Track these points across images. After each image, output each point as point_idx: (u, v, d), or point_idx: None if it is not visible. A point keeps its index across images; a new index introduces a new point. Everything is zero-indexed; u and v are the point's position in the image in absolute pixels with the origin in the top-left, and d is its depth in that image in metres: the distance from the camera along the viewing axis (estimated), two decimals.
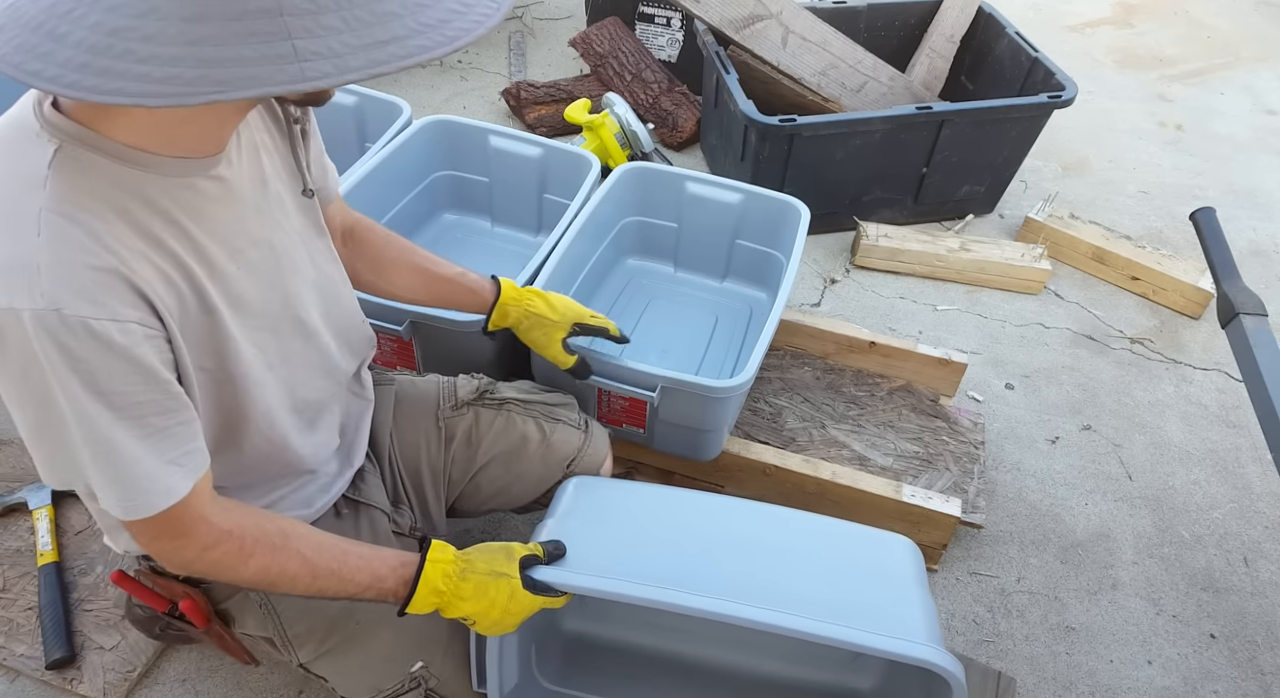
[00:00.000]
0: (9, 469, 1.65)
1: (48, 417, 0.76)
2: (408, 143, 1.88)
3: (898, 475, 1.69)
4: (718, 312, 1.96)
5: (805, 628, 0.98)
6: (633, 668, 1.33)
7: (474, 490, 1.31)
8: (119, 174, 0.75)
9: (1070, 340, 2.22)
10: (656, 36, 2.88)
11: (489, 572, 0.99)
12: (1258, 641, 1.62)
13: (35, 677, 1.39)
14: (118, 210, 0.75)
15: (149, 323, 0.77)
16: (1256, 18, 3.89)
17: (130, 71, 0.60)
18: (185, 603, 1.07)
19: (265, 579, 0.92)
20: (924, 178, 2.36)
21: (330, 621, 1.09)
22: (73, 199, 0.73)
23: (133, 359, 0.75)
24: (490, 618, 0.99)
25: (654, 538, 1.16)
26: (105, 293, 0.73)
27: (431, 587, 0.97)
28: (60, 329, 0.71)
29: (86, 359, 0.73)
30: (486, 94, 2.94)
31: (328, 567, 0.94)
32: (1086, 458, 1.93)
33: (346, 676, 1.12)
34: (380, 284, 1.26)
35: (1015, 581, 1.69)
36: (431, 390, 1.32)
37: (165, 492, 0.81)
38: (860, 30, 2.62)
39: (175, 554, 0.88)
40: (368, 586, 0.97)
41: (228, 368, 0.88)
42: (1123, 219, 2.61)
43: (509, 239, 2.10)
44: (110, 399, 0.75)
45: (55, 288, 0.71)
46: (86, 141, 0.74)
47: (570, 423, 1.34)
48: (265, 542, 0.91)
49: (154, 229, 0.78)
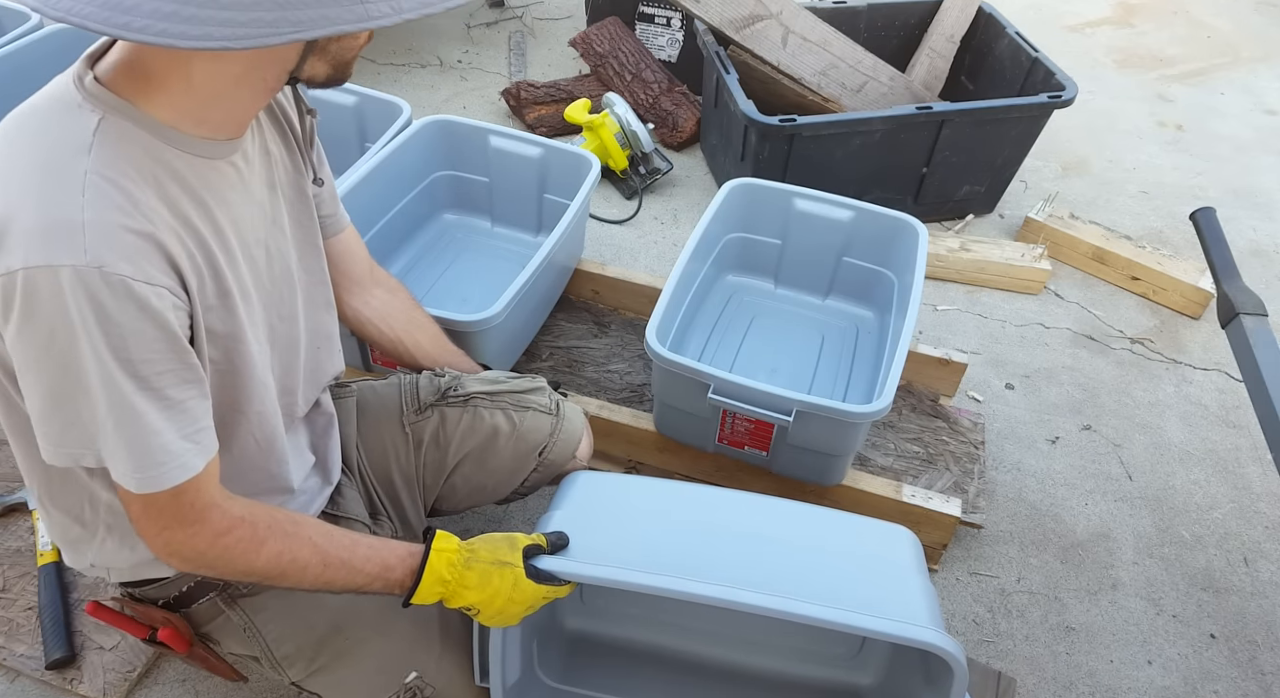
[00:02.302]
0: (9, 469, 1.65)
1: (68, 383, 0.76)
2: (408, 143, 1.88)
3: (898, 475, 1.69)
4: (823, 330, 1.93)
5: (808, 612, 0.98)
6: (634, 666, 1.32)
7: (450, 492, 1.30)
8: (154, 148, 0.78)
9: (1070, 340, 2.22)
10: (656, 36, 2.88)
11: (493, 561, 0.99)
12: (1258, 641, 1.62)
13: (35, 677, 1.39)
14: (152, 182, 0.77)
15: (177, 292, 0.78)
16: (1256, 18, 3.89)
17: (215, 17, 0.65)
18: (164, 631, 1.06)
19: (277, 568, 0.91)
20: (924, 178, 2.36)
21: (319, 639, 1.08)
22: (116, 165, 0.75)
23: (163, 325, 0.76)
24: (494, 607, 0.99)
25: (656, 529, 1.16)
26: (142, 256, 0.74)
27: (436, 576, 0.97)
28: (101, 287, 0.72)
29: (119, 321, 0.74)
30: (486, 94, 2.94)
31: (338, 556, 0.94)
32: (1086, 458, 1.93)
33: (340, 691, 1.10)
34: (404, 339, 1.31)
35: (1015, 581, 1.69)
36: (393, 395, 1.29)
37: (181, 467, 0.81)
38: (860, 30, 2.62)
39: (188, 544, 0.86)
40: (376, 575, 0.96)
41: (234, 361, 0.88)
42: (1123, 219, 2.61)
43: (509, 239, 2.10)
44: (135, 367, 0.76)
45: (99, 246, 0.72)
46: (127, 114, 0.77)
47: (540, 409, 1.31)
48: (278, 529, 0.91)
49: (182, 205, 0.80)
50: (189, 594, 1.05)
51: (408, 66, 3.07)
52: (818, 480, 1.59)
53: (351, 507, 1.19)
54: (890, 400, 1.39)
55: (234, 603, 1.06)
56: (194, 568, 0.89)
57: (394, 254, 1.96)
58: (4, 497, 1.60)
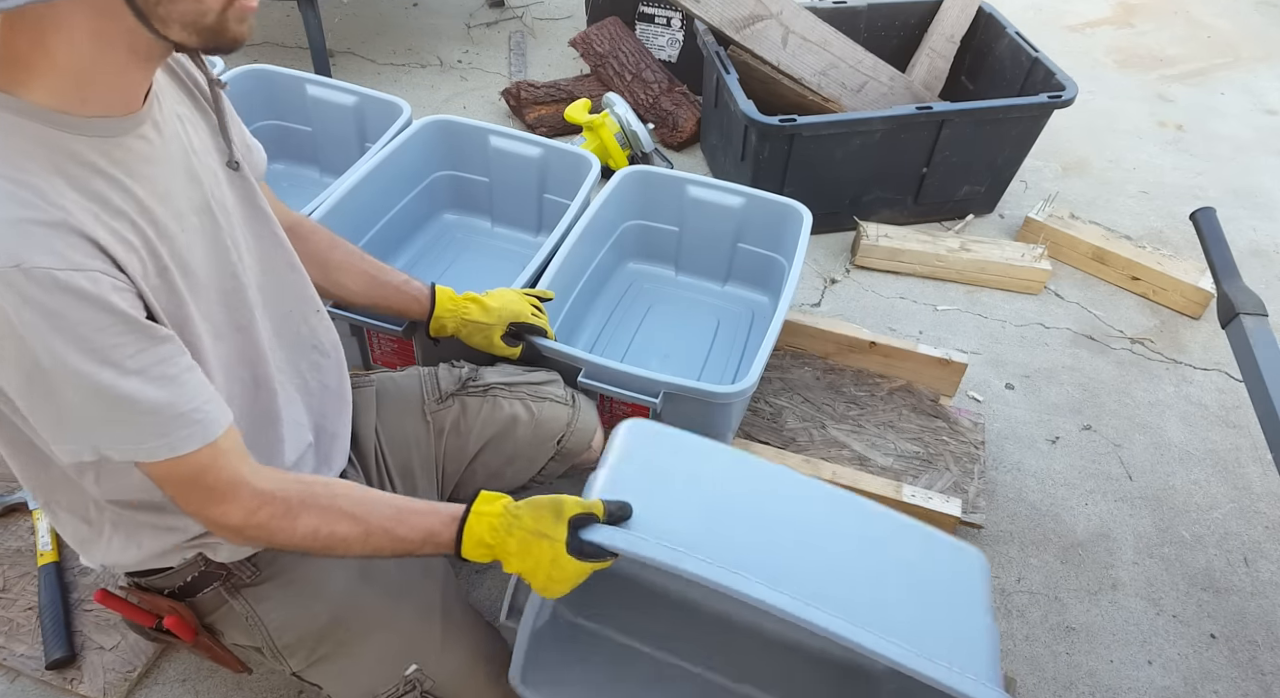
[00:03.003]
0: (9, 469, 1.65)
1: (36, 385, 0.74)
2: (408, 143, 1.88)
3: (898, 476, 1.69)
4: (720, 316, 1.96)
5: (862, 642, 0.93)
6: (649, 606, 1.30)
7: (469, 479, 1.31)
8: (46, 136, 0.75)
9: (1070, 340, 2.22)
10: (656, 36, 2.88)
11: (534, 530, 0.95)
12: (1258, 641, 1.62)
13: (35, 677, 1.39)
14: (57, 172, 0.74)
15: (114, 274, 0.75)
16: (1256, 18, 3.88)
17: None
18: (170, 619, 1.06)
19: (317, 542, 0.91)
20: (924, 178, 2.36)
21: (320, 629, 1.08)
22: (9, 161, 0.72)
23: (108, 308, 0.74)
24: (538, 579, 0.96)
25: (716, 507, 1.08)
26: (60, 244, 0.72)
27: (477, 539, 0.96)
28: (28, 286, 0.69)
29: (64, 314, 0.71)
30: (486, 94, 2.94)
31: (380, 525, 0.94)
32: (1086, 458, 1.93)
33: (340, 682, 1.11)
34: (325, 285, 1.25)
35: (1015, 581, 1.69)
36: (413, 386, 1.31)
37: (190, 436, 0.81)
38: (860, 30, 2.62)
39: (224, 519, 0.87)
40: (424, 541, 0.96)
41: (184, 335, 0.86)
42: (1123, 219, 2.61)
43: (509, 239, 2.10)
44: (106, 354, 0.74)
45: (12, 245, 0.69)
46: (8, 107, 0.73)
47: (557, 399, 1.34)
48: (312, 502, 0.91)
49: (97, 187, 0.77)
50: (193, 584, 1.05)
51: (408, 66, 3.07)
52: None
53: None
54: (754, 381, 1.40)
55: (237, 593, 1.06)
56: (244, 542, 0.90)
57: (394, 254, 1.96)
58: (4, 497, 1.60)
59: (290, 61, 2.91)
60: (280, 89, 2.08)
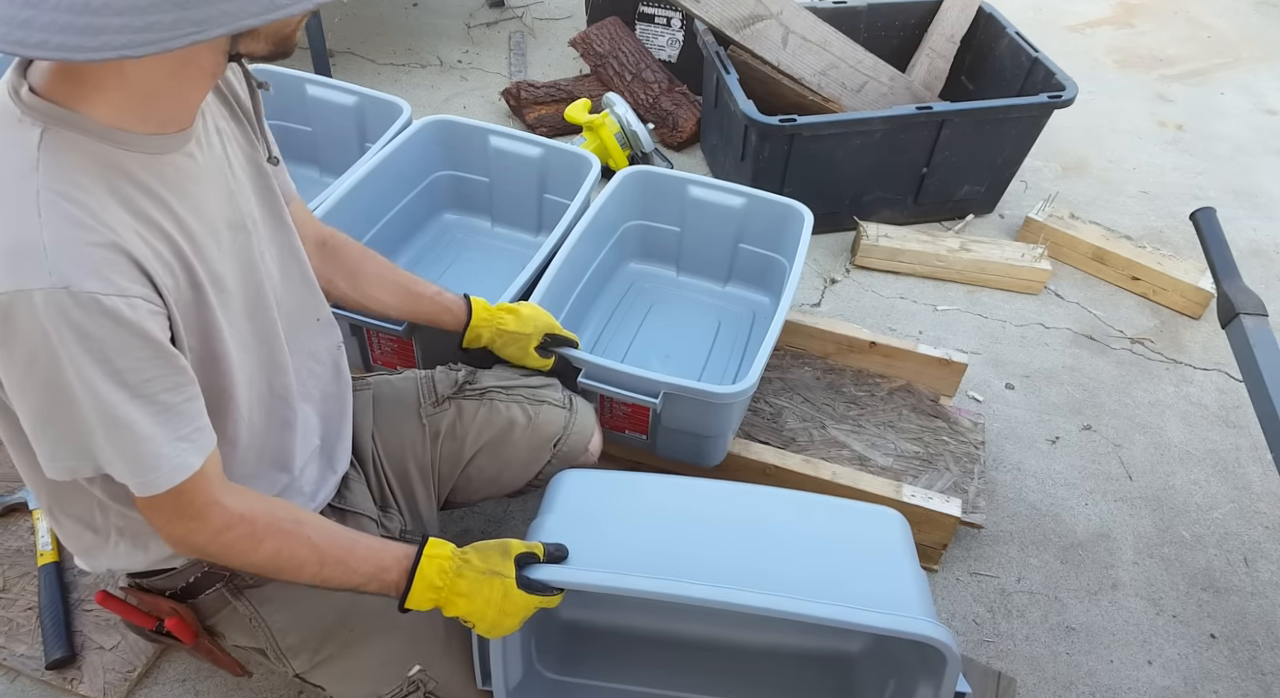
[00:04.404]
0: (9, 469, 1.65)
1: (56, 400, 0.76)
2: (408, 143, 1.88)
3: (898, 476, 1.69)
4: (721, 316, 1.95)
5: (799, 610, 1.00)
6: (630, 649, 1.33)
7: (465, 483, 1.31)
8: (103, 153, 0.76)
9: (1070, 340, 2.22)
10: (656, 36, 2.88)
11: (485, 570, 0.99)
12: (1258, 641, 1.62)
13: (35, 677, 1.39)
14: (109, 189, 0.76)
15: (151, 299, 0.78)
16: (1256, 18, 3.89)
17: (110, 24, 0.62)
18: (171, 621, 1.06)
19: (274, 565, 0.92)
20: (924, 178, 2.36)
21: (325, 630, 1.09)
22: (67, 178, 0.74)
23: (142, 334, 0.76)
24: (487, 619, 0.99)
25: (645, 527, 1.16)
26: (109, 269, 0.74)
27: (428, 582, 0.97)
28: (72, 307, 0.71)
29: (98, 336, 0.73)
30: (486, 94, 2.94)
31: (335, 556, 0.95)
32: (1087, 458, 1.93)
33: (343, 683, 1.11)
34: (356, 297, 1.27)
35: (1015, 581, 1.69)
36: (410, 389, 1.31)
37: (175, 469, 0.82)
38: (860, 30, 2.62)
39: (189, 538, 0.88)
40: (372, 576, 0.97)
41: (211, 346, 0.88)
42: (1123, 219, 2.61)
43: (509, 239, 2.09)
44: (123, 377, 0.76)
45: (63, 265, 0.71)
46: (69, 123, 0.75)
47: (554, 403, 1.34)
48: (277, 527, 0.92)
49: (142, 206, 0.79)
50: (196, 585, 1.06)
51: (408, 66, 3.07)
52: (697, 462, 1.59)
53: (359, 501, 1.19)
54: (754, 381, 1.41)
55: (240, 594, 1.07)
56: (199, 557, 0.92)
57: (394, 254, 1.96)
58: (4, 497, 1.60)
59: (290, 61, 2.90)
60: (280, 89, 2.08)
